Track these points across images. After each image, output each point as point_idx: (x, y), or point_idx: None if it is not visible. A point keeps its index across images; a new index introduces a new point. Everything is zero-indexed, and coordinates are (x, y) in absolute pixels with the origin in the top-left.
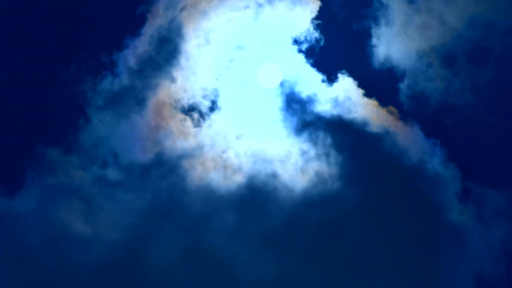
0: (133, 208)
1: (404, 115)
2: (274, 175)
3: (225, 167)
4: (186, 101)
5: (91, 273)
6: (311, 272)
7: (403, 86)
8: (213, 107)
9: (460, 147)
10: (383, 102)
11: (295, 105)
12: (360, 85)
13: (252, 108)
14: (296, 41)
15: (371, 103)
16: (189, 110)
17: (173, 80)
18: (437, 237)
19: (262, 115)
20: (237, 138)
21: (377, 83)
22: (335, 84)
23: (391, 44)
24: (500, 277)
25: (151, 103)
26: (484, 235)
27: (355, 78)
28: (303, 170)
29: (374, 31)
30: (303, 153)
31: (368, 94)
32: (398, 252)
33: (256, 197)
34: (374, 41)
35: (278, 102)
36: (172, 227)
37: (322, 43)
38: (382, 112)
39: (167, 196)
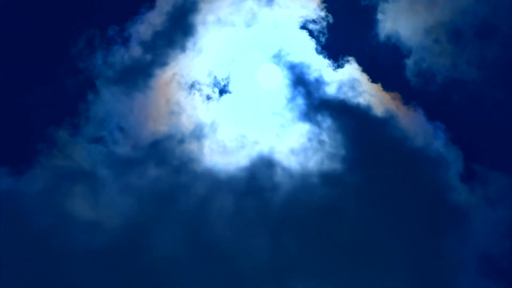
0: (137, 191)
1: (408, 99)
2: (276, 159)
3: (228, 150)
4: (194, 79)
5: (93, 256)
6: (315, 255)
7: (409, 62)
8: (221, 89)
9: (464, 129)
10: (389, 81)
11: (301, 88)
12: (366, 63)
13: (259, 91)
14: (304, 25)
15: (376, 88)
16: (196, 88)
17: (183, 56)
18: (441, 218)
19: (269, 98)
20: (237, 122)
21: (384, 59)
22: (340, 69)
23: (398, 20)
24: (504, 256)
25: (159, 78)
26: (488, 215)
27: (361, 57)
28: (306, 153)
29: (381, 7)
30: (307, 136)
31: (374, 72)
32: (401, 234)
33: (258, 181)
34: (380, 16)
35: (285, 85)
36: (175, 211)
37: (330, 20)
38: (386, 96)
39: (171, 178)
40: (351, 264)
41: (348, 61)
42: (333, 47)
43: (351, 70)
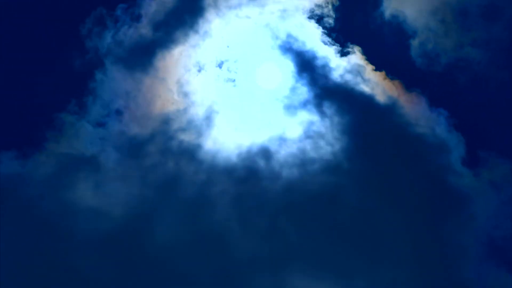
0: (142, 176)
1: (412, 85)
2: (278, 146)
3: (230, 136)
4: (200, 63)
5: (96, 241)
6: (317, 242)
7: (414, 43)
8: (226, 73)
9: (468, 114)
10: (393, 64)
11: (305, 75)
12: (371, 45)
13: (264, 76)
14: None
15: (379, 75)
16: (201, 72)
17: (190, 39)
18: (444, 203)
19: (273, 84)
20: (241, 107)
21: (389, 39)
22: (344, 56)
23: (404, 0)
24: (508, 240)
25: (166, 59)
26: (492, 200)
27: (366, 39)
28: (308, 140)
29: None
30: (309, 123)
31: (378, 54)
32: (404, 219)
33: (260, 168)
34: None
35: (291, 71)
36: (176, 197)
37: (335, 2)
38: (390, 84)
39: (174, 164)
40: (353, 251)
41: (352, 48)
42: (339, 29)
43: (355, 57)
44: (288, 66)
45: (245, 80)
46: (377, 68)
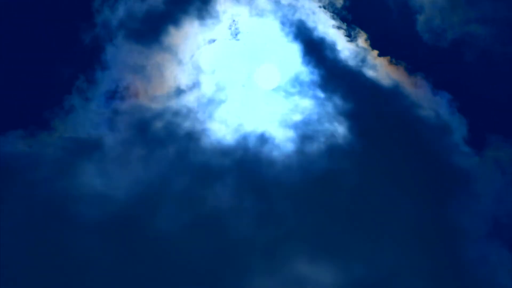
0: (146, 159)
1: (416, 69)
2: (282, 126)
3: (232, 118)
4: (210, 36)
5: (98, 224)
6: (320, 223)
7: (421, 18)
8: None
9: (471, 95)
10: (400, 44)
11: (310, 58)
12: (376, 25)
13: (269, 61)
14: None
15: (384, 60)
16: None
17: (199, 18)
18: (447, 184)
19: (278, 68)
20: (243, 86)
21: (396, 15)
22: (350, 40)
23: None
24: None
25: (174, 36)
26: (496, 180)
27: (372, 20)
28: (311, 122)
29: None
30: (312, 105)
31: (384, 33)
32: (407, 200)
33: (264, 150)
34: None
35: (296, 56)
36: (177, 182)
37: None
38: (394, 69)
39: (178, 146)
40: (355, 232)
41: (357, 30)
42: (346, 8)
43: (360, 41)
44: (294, 48)
45: (251, 60)
46: (382, 53)
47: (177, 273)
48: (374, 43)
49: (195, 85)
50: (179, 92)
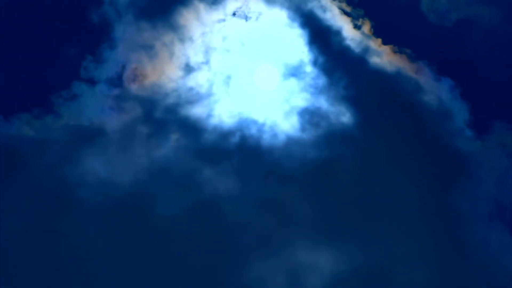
0: (149, 144)
1: (419, 57)
2: (285, 112)
3: (235, 103)
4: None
5: (100, 209)
6: (325, 205)
7: None
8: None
9: (474, 81)
10: (403, 29)
11: (316, 44)
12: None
13: (275, 47)
14: None
15: (388, 48)
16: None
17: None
18: (450, 168)
19: (282, 54)
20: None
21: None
22: (353, 27)
23: None
24: None
25: (183, 17)
26: (499, 163)
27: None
28: (313, 109)
29: None
30: (313, 91)
31: (388, 22)
32: (410, 185)
33: (265, 135)
34: None
35: (301, 42)
36: (178, 168)
37: None
38: (397, 56)
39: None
40: (357, 217)
41: (362, 17)
42: None
43: (365, 28)
44: (300, 34)
45: (258, 44)
46: (386, 41)
47: (178, 258)
48: (378, 31)
49: (203, 65)
50: (188, 70)
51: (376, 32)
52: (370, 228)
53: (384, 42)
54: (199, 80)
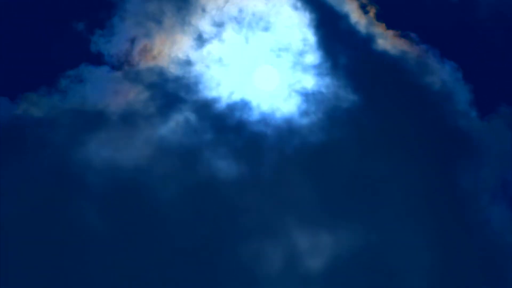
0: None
1: (422, 41)
2: (287, 94)
3: (234, 86)
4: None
5: (102, 195)
6: (328, 187)
7: None
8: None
9: (478, 63)
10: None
11: (319, 28)
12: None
13: (277, 29)
14: None
15: (391, 33)
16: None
17: None
18: (455, 148)
19: (284, 37)
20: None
21: None
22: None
23: None
24: None
25: None
26: (504, 143)
27: None
28: (314, 91)
29: None
30: (315, 74)
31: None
32: (413, 165)
33: (266, 118)
34: None
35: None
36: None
37: None
38: (401, 41)
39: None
40: (360, 199)
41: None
42: None
43: (370, 13)
44: (302, 18)
45: (258, 30)
46: (389, 26)
47: (178, 239)
48: (382, 15)
49: (214, 38)
50: (200, 43)
51: (380, 16)
52: (373, 209)
53: (388, 27)
54: (208, 56)
